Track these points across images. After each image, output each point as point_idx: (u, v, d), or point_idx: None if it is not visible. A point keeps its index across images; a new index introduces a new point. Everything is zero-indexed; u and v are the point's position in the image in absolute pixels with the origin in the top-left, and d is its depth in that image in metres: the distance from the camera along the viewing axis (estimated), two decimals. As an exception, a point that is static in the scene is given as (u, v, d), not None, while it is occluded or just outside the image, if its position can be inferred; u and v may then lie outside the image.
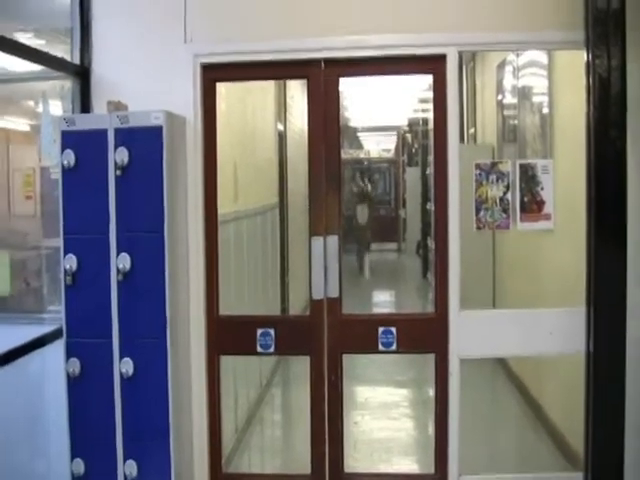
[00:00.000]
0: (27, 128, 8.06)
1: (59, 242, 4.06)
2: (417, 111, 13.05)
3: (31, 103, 6.69)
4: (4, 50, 3.72)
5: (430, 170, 6.51)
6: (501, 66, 7.06)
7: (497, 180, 4.25)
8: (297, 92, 8.53)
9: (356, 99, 10.45)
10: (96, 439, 4.07)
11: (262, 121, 7.28)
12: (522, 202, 4.25)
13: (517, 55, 6.32)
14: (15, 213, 6.98)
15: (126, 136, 3.95)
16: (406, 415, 6.05)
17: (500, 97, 7.27)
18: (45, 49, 4.28)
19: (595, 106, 3.89)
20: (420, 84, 9.17)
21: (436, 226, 4.44)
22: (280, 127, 8.08)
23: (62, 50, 4.40)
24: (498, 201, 4.26)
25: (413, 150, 16.41)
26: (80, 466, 4.06)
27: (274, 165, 7.91)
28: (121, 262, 3.96)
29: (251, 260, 6.36)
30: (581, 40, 3.94)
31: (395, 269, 14.98)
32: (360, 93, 9.66)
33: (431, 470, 4.50)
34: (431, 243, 4.46)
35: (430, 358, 4.46)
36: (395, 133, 17.26)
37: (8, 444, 4.02)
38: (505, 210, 4.26)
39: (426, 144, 12.86)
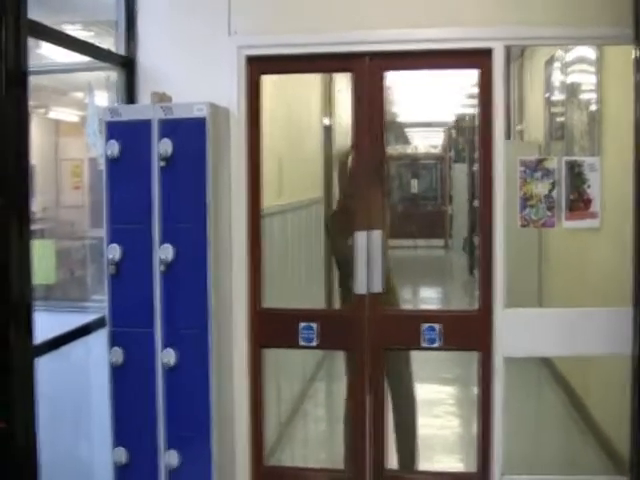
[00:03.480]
0: (76, 119, 8.18)
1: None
2: (465, 106, 12.93)
3: (80, 95, 6.78)
4: (52, 41, 3.78)
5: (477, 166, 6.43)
6: (549, 62, 6.96)
7: (542, 177, 4.18)
8: (344, 86, 8.49)
9: (404, 94, 10.38)
10: (138, 428, 4.11)
11: (308, 114, 7.27)
12: (568, 200, 4.17)
13: (565, 51, 6.22)
14: (64, 203, 7.08)
15: (170, 127, 3.97)
16: (450, 413, 6.00)
17: (548, 94, 7.17)
18: (93, 41, 4.32)
19: (643, 104, 3.80)
20: (469, 79, 9.08)
21: (481, 223, 4.39)
22: (326, 121, 8.06)
23: (110, 42, 4.44)
24: (543, 198, 4.19)
25: (460, 146, 16.26)
26: (122, 455, 4.10)
27: (320, 159, 7.88)
28: (164, 253, 3.98)
29: (295, 254, 6.35)
30: (631, 35, 3.86)
31: (442, 266, 14.88)
32: (408, 88, 9.61)
33: (474, 469, 4.46)
34: (477, 240, 4.41)
35: (474, 356, 4.41)
36: (442, 129, 17.12)
37: (52, 429, 4.07)
38: (550, 208, 4.19)
39: (474, 140, 12.73)
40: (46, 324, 3.74)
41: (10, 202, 2.62)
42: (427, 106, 12.27)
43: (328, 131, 8.06)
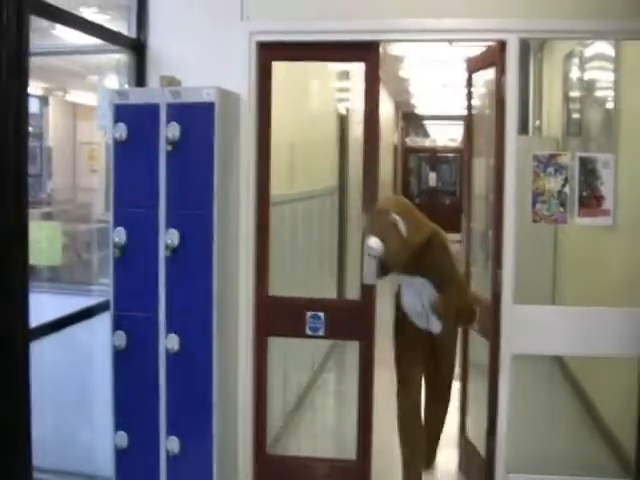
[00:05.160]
0: (94, 102, 8.19)
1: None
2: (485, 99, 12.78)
3: (97, 78, 6.77)
4: (57, 21, 3.75)
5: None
6: (568, 58, 6.86)
7: (555, 173, 4.12)
8: (360, 74, 8.40)
9: (423, 86, 10.26)
10: (140, 413, 4.10)
11: (323, 103, 7.21)
12: (580, 196, 4.11)
13: (584, 47, 6.13)
14: (80, 186, 7.09)
15: (178, 111, 3.93)
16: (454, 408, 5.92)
17: (566, 89, 7.07)
18: (109, 24, 4.29)
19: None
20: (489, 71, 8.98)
21: (493, 218, 4.34)
22: (341, 109, 7.99)
23: (125, 26, 4.41)
24: (556, 194, 4.12)
25: (480, 140, 16.07)
26: (123, 439, 4.09)
27: (335, 148, 7.81)
28: (169, 238, 3.95)
29: (306, 243, 6.31)
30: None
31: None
32: (427, 80, 9.48)
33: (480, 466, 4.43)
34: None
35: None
36: (461, 122, 16.97)
37: (54, 411, 4.08)
38: (562, 204, 4.13)
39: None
40: (48, 306, 3.74)
41: (8, 184, 2.59)
42: (446, 99, 12.15)
43: (343, 120, 7.99)
